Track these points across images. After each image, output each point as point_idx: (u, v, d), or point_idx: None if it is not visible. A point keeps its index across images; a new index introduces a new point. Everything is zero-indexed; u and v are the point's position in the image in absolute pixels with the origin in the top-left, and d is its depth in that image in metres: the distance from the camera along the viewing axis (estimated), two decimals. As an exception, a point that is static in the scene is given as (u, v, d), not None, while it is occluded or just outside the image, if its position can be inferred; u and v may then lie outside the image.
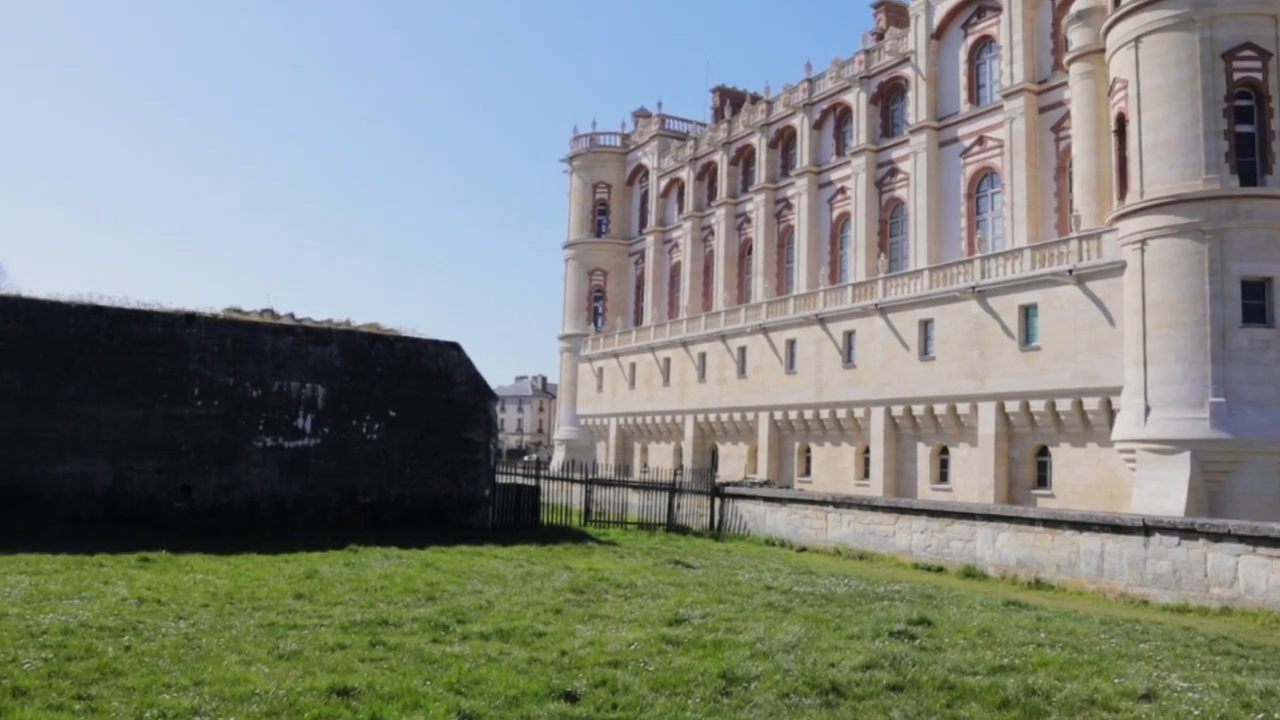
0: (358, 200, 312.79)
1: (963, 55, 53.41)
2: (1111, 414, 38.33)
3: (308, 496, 24.42)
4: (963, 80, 53.37)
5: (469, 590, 15.89)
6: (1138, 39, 37.30)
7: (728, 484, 37.22)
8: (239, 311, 27.57)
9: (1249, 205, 34.93)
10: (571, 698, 9.62)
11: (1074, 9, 44.01)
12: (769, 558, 26.23)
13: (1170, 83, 36.22)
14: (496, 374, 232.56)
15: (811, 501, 31.40)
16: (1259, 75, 35.47)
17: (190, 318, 24.07)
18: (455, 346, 27.07)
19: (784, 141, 68.18)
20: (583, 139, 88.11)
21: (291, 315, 29.21)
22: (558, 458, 78.73)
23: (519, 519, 27.83)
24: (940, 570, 25.28)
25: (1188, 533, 20.68)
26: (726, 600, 16.09)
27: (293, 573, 17.14)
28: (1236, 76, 35.45)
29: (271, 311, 30.03)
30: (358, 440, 24.90)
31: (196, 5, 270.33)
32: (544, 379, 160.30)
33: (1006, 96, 49.20)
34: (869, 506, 29.28)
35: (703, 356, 65.54)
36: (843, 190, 61.70)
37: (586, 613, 14.31)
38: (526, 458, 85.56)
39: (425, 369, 26.15)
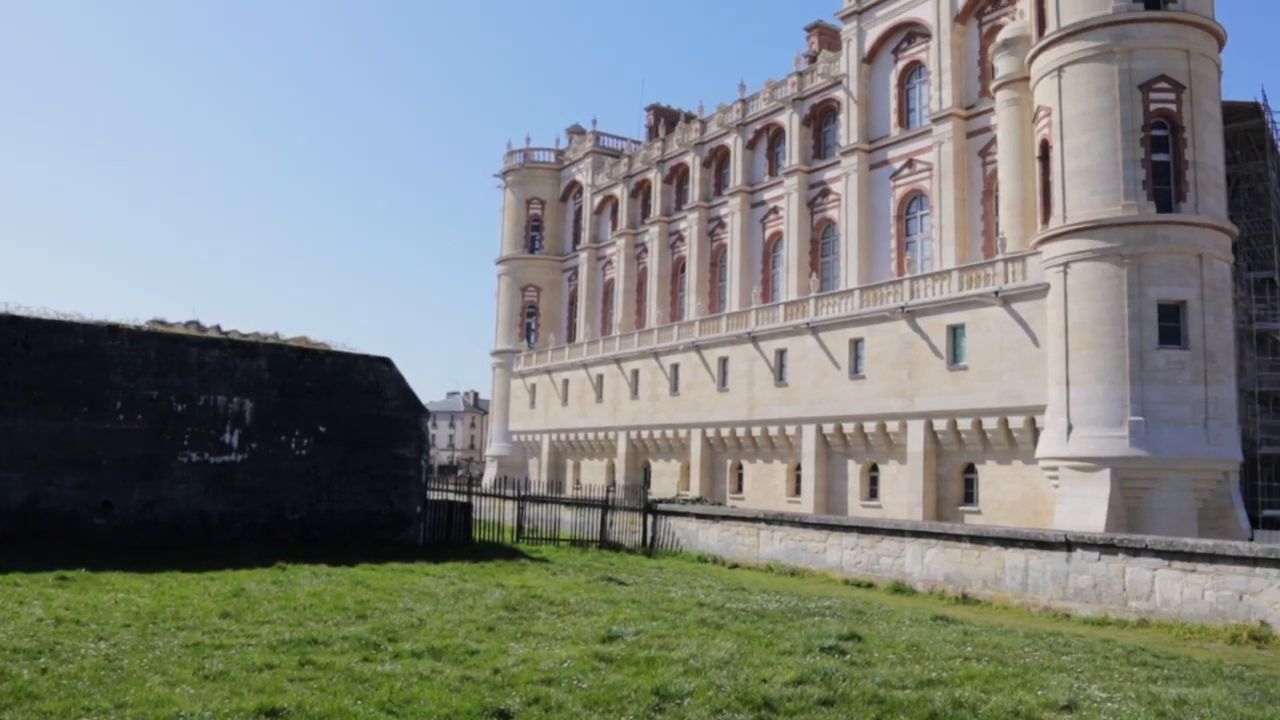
0: (287, 212, 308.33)
1: (893, 79, 54.47)
2: (1036, 432, 39.22)
3: (234, 513, 23.91)
4: (893, 104, 54.39)
5: (400, 608, 15.69)
6: (1060, 68, 38.43)
7: (660, 501, 37.30)
8: (163, 324, 27.00)
9: (1165, 231, 36.10)
10: (505, 716, 9.57)
11: (1000, 38, 45.18)
12: (701, 574, 26.31)
13: (1091, 111, 37.34)
14: (428, 389, 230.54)
15: (743, 519, 31.60)
16: (1173, 107, 36.74)
17: (113, 329, 23.47)
18: (387, 361, 26.78)
19: (717, 161, 68.80)
20: (517, 154, 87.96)
21: (218, 328, 28.67)
22: (490, 474, 78.20)
23: (450, 536, 27.54)
24: (870, 586, 25.59)
25: (1107, 548, 21.24)
26: (659, 617, 16.10)
27: (218, 591, 16.77)
28: (1153, 107, 36.69)
29: (197, 324, 29.44)
30: (286, 456, 24.46)
31: (119, 10, 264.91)
32: (476, 394, 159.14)
33: (935, 121, 50.25)
34: (800, 523, 29.55)
35: (635, 373, 65.69)
36: (775, 210, 62.41)
37: (519, 630, 14.22)
38: (459, 473, 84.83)
39: (356, 384, 25.82)
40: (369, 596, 16.76)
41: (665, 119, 79.47)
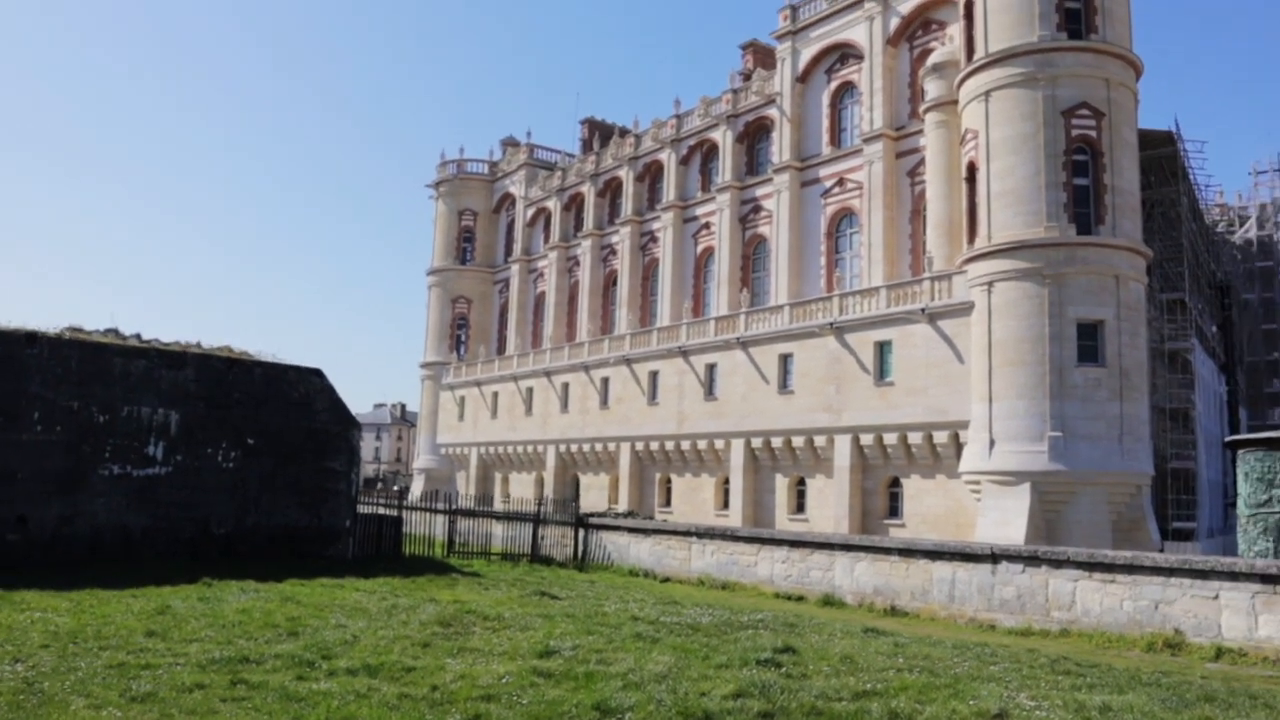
0: (210, 218, 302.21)
1: (826, 99, 55.34)
2: (959, 447, 40.02)
3: (158, 527, 23.31)
4: (825, 123, 55.24)
5: (332, 624, 15.46)
6: (988, 93, 39.43)
7: (592, 515, 37.28)
8: (80, 331, 26.24)
9: (1084, 253, 37.20)
10: (446, 732, 9.50)
11: (930, 61, 46.21)
12: (633, 588, 26.37)
13: (1016, 135, 38.37)
14: (355, 401, 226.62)
15: (675, 532, 31.73)
16: (1094, 133, 37.93)
17: (31, 337, 22.77)
18: (318, 373, 26.40)
19: (651, 175, 69.18)
20: (450, 165, 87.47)
21: (138, 336, 27.97)
22: (417, 487, 77.40)
23: (380, 550, 27.21)
24: (801, 599, 25.87)
25: (1031, 560, 21.78)
26: (595, 631, 16.11)
27: (142, 608, 16.32)
28: (1074, 133, 37.83)
29: (116, 331, 28.70)
30: (213, 468, 23.95)
31: (41, 3, 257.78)
32: (403, 406, 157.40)
33: (866, 141, 51.14)
34: (732, 537, 29.77)
35: (565, 387, 65.60)
36: (707, 225, 62.92)
37: (455, 646, 14.11)
38: (384, 484, 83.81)
39: (286, 396, 25.39)
40: (300, 613, 16.48)
41: (600, 133, 79.71)
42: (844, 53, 54.13)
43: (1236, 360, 68.01)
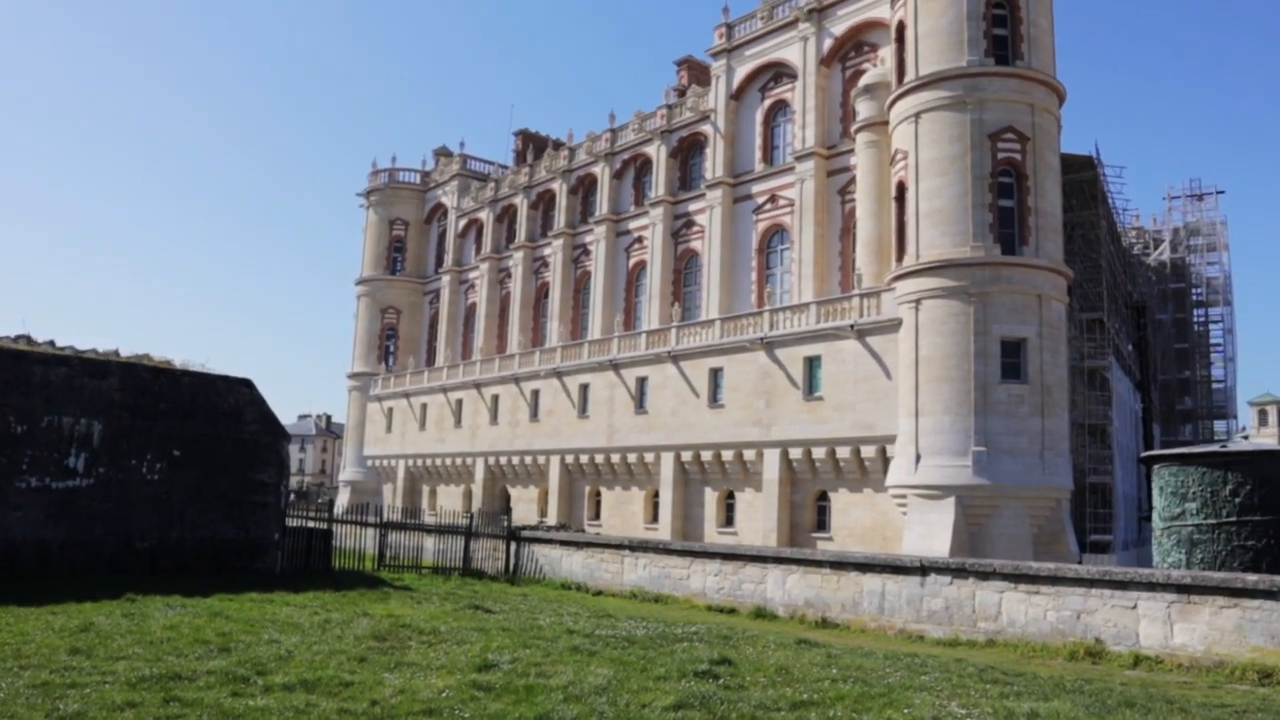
0: (132, 223, 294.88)
1: (759, 117, 56.01)
2: (886, 461, 40.68)
3: (78, 541, 22.61)
4: (758, 140, 55.89)
5: (265, 640, 15.17)
6: (918, 115, 40.31)
7: (524, 528, 37.11)
8: (-8, 337, 25.49)
9: (1009, 272, 38.16)
10: (388, 747, 9.42)
11: (862, 82, 47.08)
12: (566, 602, 26.31)
13: (944, 157, 39.27)
14: (279, 412, 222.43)
15: (608, 545, 31.75)
16: (1019, 156, 39.00)
17: (-54, 343, 22.05)
18: (247, 383, 25.91)
19: (584, 188, 69.27)
20: (381, 174, 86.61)
21: (52, 343, 27.23)
22: (342, 499, 76.26)
23: (310, 564, 26.75)
24: (733, 611, 26.05)
25: (959, 572, 22.25)
26: (532, 645, 16.07)
27: (64, 625, 15.81)
28: (1000, 156, 38.86)
29: (28, 338, 27.96)
30: (137, 481, 23.31)
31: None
32: (329, 417, 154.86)
33: (798, 159, 51.85)
34: (664, 550, 29.87)
35: (495, 399, 65.27)
36: (640, 239, 63.19)
37: (392, 660, 13.96)
38: (308, 497, 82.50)
39: (214, 406, 24.86)
40: (230, 628, 16.14)
41: (534, 144, 79.61)
42: (778, 72, 54.88)
43: (1151, 378, 70.23)
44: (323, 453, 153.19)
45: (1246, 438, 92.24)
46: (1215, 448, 27.53)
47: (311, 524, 30.47)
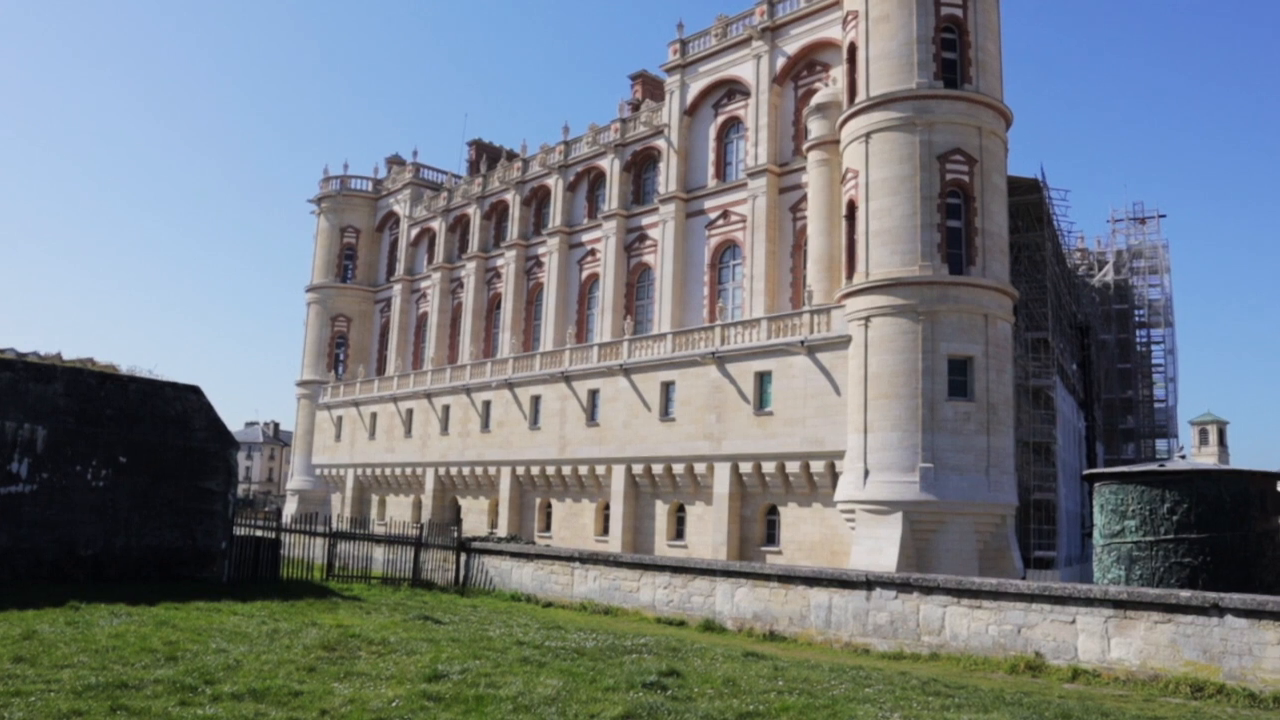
0: (76, 225, 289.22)
1: (712, 133, 56.46)
2: (835, 476, 41.11)
3: (19, 548, 22.17)
4: (711, 156, 56.33)
5: (212, 649, 15.04)
6: (868, 135, 40.91)
7: (475, 539, 36.98)
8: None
9: (956, 292, 38.82)
10: (338, 755, 9.43)
11: (814, 101, 47.67)
12: (516, 613, 26.29)
13: (894, 177, 39.89)
14: (226, 419, 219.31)
15: (558, 557, 31.76)
16: (966, 178, 39.73)
17: (-115, 345, 21.60)
18: (195, 390, 25.62)
19: (538, 200, 69.31)
20: (333, 181, 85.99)
21: (-11, 345, 26.77)
22: (290, 508, 75.38)
23: (257, 573, 26.48)
24: (682, 624, 26.19)
25: (904, 587, 22.58)
26: (481, 656, 16.08)
27: (6, 633, 15.55)
28: (948, 177, 39.56)
29: (-32, 341, 27.38)
30: (81, 487, 22.94)
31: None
32: (276, 425, 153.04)
33: (751, 175, 52.34)
34: (614, 563, 29.94)
35: (446, 409, 64.99)
36: (593, 252, 63.35)
37: (341, 670, 13.92)
38: (254, 505, 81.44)
39: (162, 413, 24.55)
40: (177, 637, 15.96)
41: (487, 155, 79.53)
42: (731, 88, 55.39)
43: (1094, 397, 71.65)
44: (270, 461, 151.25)
45: (1185, 457, 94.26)
46: (1154, 467, 28.25)
47: (260, 533, 30.14)
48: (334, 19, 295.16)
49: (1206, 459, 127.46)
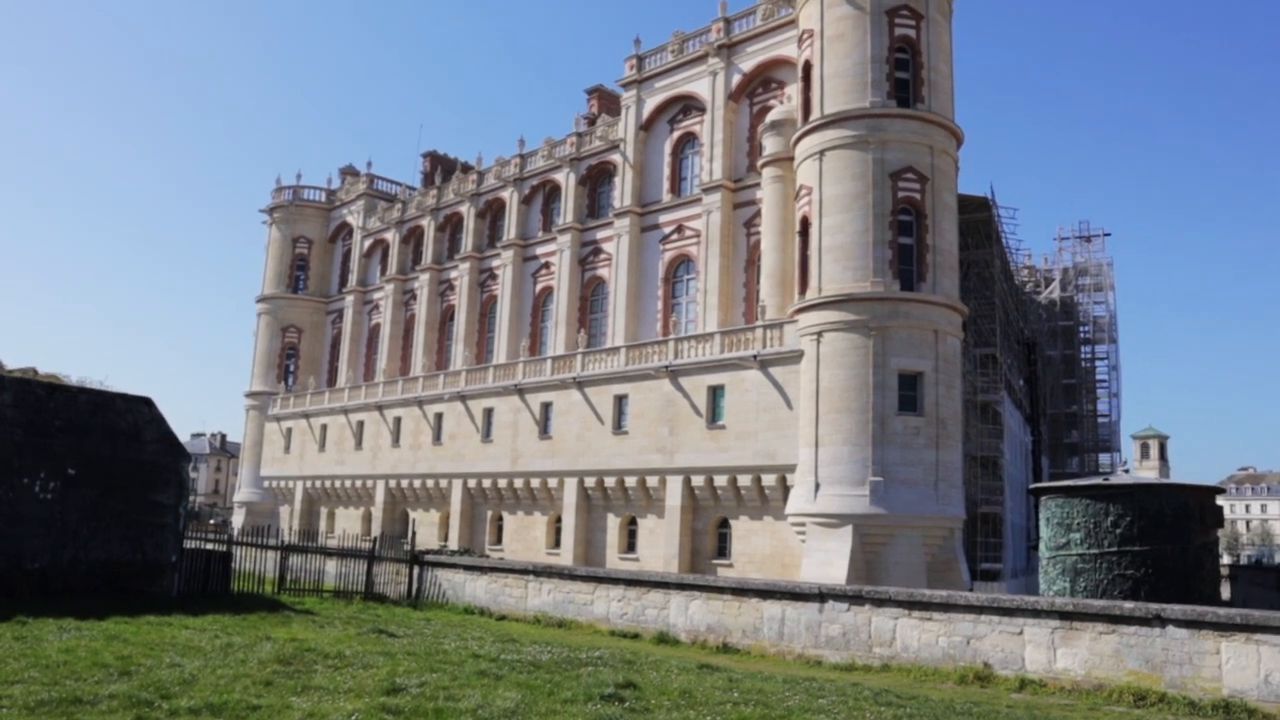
0: (19, 233, 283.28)
1: (668, 148, 56.79)
2: (786, 490, 41.43)
3: (-38, 561, 21.70)
4: (666, 171, 56.66)
5: (166, 663, 14.84)
6: (822, 152, 41.43)
7: (428, 552, 36.79)
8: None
9: (907, 308, 39.38)
10: (297, 768, 9.40)
11: (769, 118, 48.17)
12: (470, 626, 26.22)
13: (847, 194, 40.42)
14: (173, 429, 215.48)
15: (512, 570, 31.72)
16: (918, 195, 40.37)
17: None
18: (147, 402, 25.24)
19: (492, 213, 69.22)
20: (286, 191, 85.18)
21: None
22: (237, 521, 74.32)
23: (208, 587, 26.11)
24: (636, 637, 26.29)
25: (856, 599, 22.89)
26: (438, 669, 16.05)
27: (-48, 648, 15.28)
28: (900, 194, 40.17)
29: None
30: (28, 499, 22.44)
31: None
32: (224, 437, 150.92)
33: (705, 191, 52.71)
34: (569, 576, 29.98)
35: (398, 421, 64.58)
36: (547, 265, 63.36)
37: (298, 684, 13.82)
38: (200, 517, 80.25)
39: (112, 425, 24.14)
40: (129, 651, 15.73)
41: (442, 167, 79.27)
42: (687, 104, 55.80)
43: (1040, 412, 72.95)
44: (216, 472, 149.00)
45: (1128, 471, 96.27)
46: (1099, 481, 28.91)
47: (211, 546, 29.75)
48: (288, 27, 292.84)
49: (1148, 473, 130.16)
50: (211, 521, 78.33)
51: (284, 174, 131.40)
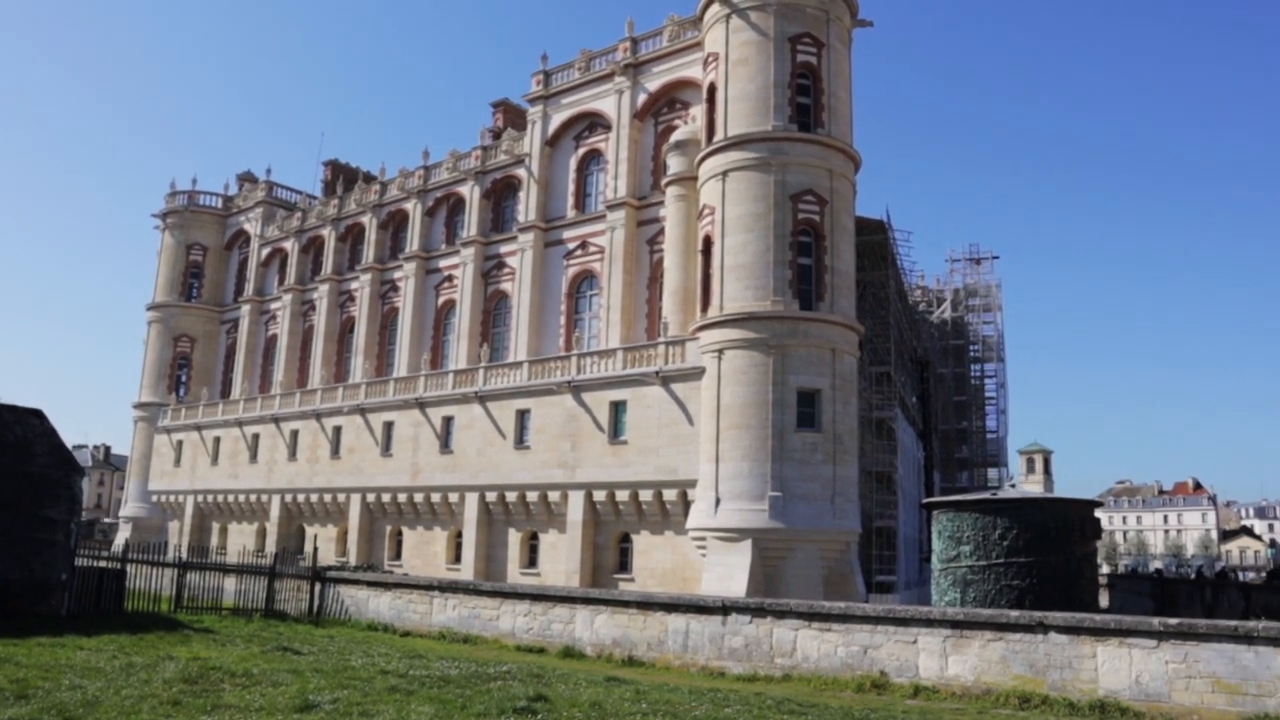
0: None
1: (573, 164, 57.14)
2: (687, 505, 42.04)
3: None
4: (571, 187, 56.98)
5: (66, 685, 14.54)
6: (725, 173, 42.32)
7: (329, 568, 36.35)
8: None
9: (806, 326, 40.43)
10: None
11: (674, 138, 48.93)
12: (375, 642, 26.09)
13: (749, 214, 41.35)
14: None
15: (417, 586, 31.59)
16: (817, 217, 41.52)
17: None
18: (38, 414, 24.54)
19: (395, 224, 68.58)
20: (180, 196, 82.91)
21: None
22: (123, 536, 71.89)
23: (100, 606, 25.42)
24: (542, 651, 26.48)
25: (758, 612, 23.52)
26: (348, 685, 16.06)
27: None
28: (800, 216, 41.26)
29: None
30: (-90, 515, 21.71)
31: None
32: (108, 449, 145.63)
33: (610, 208, 53.19)
34: (475, 591, 30.01)
35: (295, 434, 63.42)
36: (450, 278, 63.03)
37: (208, 703, 13.73)
38: (92, 535, 77.40)
39: (0, 438, 23.44)
40: (23, 674, 15.35)
41: (344, 176, 78.09)
42: (593, 121, 56.27)
43: (932, 428, 75.25)
44: (99, 486, 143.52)
45: (1015, 485, 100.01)
46: (988, 495, 30.16)
47: (103, 563, 28.92)
48: (186, 25, 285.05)
49: (1033, 486, 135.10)
50: (94, 537, 75.62)
51: (179, 178, 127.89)
